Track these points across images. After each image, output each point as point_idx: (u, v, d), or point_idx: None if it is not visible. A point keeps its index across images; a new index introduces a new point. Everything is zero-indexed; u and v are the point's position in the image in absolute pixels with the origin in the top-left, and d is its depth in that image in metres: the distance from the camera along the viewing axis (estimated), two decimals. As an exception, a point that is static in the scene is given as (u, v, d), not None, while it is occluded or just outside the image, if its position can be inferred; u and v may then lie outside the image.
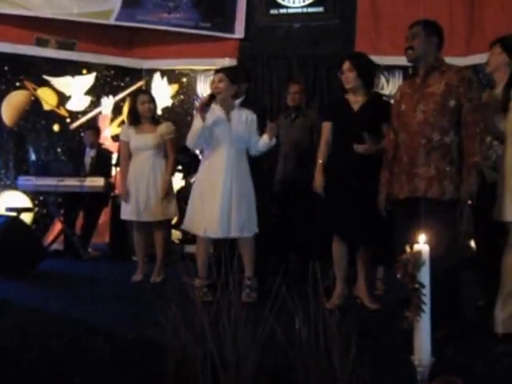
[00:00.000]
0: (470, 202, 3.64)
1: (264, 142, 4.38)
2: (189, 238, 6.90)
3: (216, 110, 4.36)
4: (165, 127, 5.21)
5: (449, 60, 5.43)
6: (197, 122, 4.32)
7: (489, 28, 6.40)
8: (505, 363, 2.82)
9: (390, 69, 6.83)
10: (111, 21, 7.29)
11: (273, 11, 7.45)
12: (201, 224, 4.27)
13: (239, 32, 7.39)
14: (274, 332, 2.22)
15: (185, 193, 6.87)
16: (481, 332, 3.34)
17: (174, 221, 6.84)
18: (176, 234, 6.90)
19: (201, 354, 2.28)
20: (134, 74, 7.69)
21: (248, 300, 4.09)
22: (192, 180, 7.19)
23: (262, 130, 4.44)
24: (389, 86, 6.93)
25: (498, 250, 3.83)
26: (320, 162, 4.12)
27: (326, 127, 4.18)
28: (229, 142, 4.33)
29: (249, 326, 2.24)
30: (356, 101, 4.07)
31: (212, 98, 4.31)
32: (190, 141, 4.41)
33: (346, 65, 4.04)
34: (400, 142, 3.49)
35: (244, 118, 4.40)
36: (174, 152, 5.22)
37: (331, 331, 2.11)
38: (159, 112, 6.54)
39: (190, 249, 6.46)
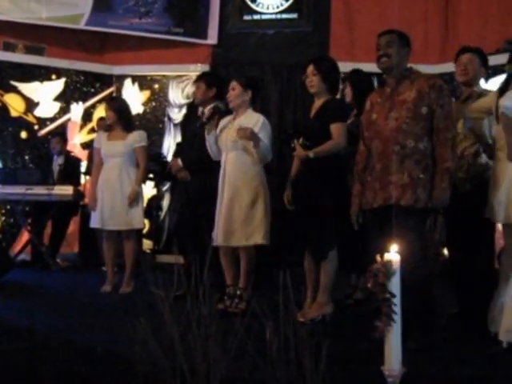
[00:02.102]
0: (442, 209, 3.64)
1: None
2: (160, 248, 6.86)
3: (226, 119, 4.38)
4: (136, 135, 5.12)
5: (424, 68, 5.43)
6: (206, 135, 4.38)
7: (463, 36, 6.45)
8: (475, 372, 2.80)
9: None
10: (81, 25, 7.19)
11: (246, 17, 7.40)
12: (215, 232, 4.27)
13: (212, 38, 7.33)
14: (244, 343, 2.16)
15: (157, 201, 6.80)
16: (454, 340, 3.32)
17: (146, 230, 6.76)
18: (147, 244, 6.80)
19: (170, 366, 2.24)
20: (105, 80, 7.58)
21: (234, 310, 3.99)
22: (164, 188, 7.14)
23: None
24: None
25: (470, 259, 3.84)
26: (291, 174, 4.10)
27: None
28: (225, 148, 4.29)
29: (219, 337, 2.19)
30: (316, 106, 4.05)
31: (214, 112, 4.35)
32: (210, 153, 4.43)
33: (310, 68, 4.00)
34: (373, 150, 3.46)
35: (251, 123, 4.23)
36: (144, 161, 5.11)
37: (302, 342, 2.06)
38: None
39: (162, 259, 6.39)
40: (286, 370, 2.09)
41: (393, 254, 1.86)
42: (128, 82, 7.54)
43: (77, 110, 7.38)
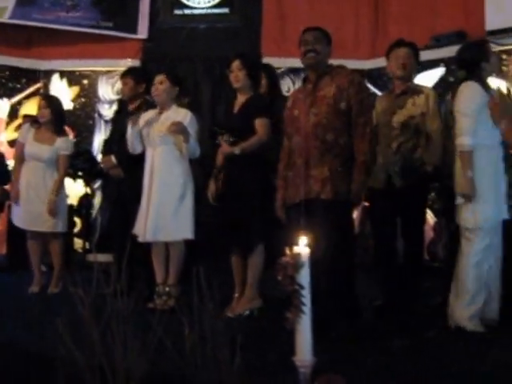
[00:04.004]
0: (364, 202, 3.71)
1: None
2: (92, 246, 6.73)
3: (150, 112, 4.31)
4: (63, 142, 5.04)
5: (354, 63, 5.51)
6: (129, 128, 4.28)
7: (392, 32, 6.55)
8: (390, 361, 2.86)
9: (296, 71, 6.85)
10: (4, 18, 6.94)
11: (177, 11, 7.34)
12: (142, 229, 4.20)
13: (142, 32, 7.23)
14: (163, 340, 2.16)
15: (87, 199, 6.68)
16: (377, 331, 3.40)
17: (77, 229, 6.64)
18: (78, 243, 6.67)
19: (89, 365, 2.20)
20: (31, 76, 7.35)
21: (163, 307, 3.94)
22: (95, 186, 7.01)
23: None
24: (295, 88, 6.97)
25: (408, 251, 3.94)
26: (214, 170, 4.09)
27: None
28: (153, 143, 4.23)
29: (138, 335, 2.17)
30: (239, 102, 4.06)
31: (141, 104, 4.32)
32: (129, 145, 4.34)
33: (236, 63, 4.01)
34: (294, 146, 3.50)
35: (179, 118, 4.21)
36: (64, 170, 5.06)
37: (218, 337, 2.07)
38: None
39: (93, 258, 6.27)
40: (203, 365, 2.10)
41: (302, 247, 1.88)
42: (56, 77, 7.34)
43: (2, 106, 7.16)
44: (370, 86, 6.19)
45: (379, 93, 5.98)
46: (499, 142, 3.58)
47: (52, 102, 5.13)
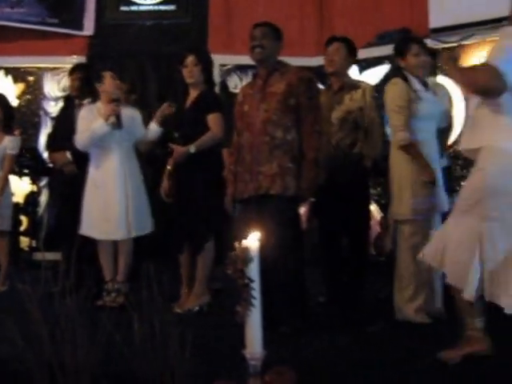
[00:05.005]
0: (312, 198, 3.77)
1: (152, 130, 4.29)
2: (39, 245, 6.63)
3: (99, 110, 4.25)
4: (10, 141, 5.03)
5: (300, 60, 5.55)
6: (98, 125, 4.16)
7: (338, 29, 6.62)
8: (339, 355, 2.93)
9: (243, 68, 6.89)
10: None
11: (123, 8, 7.26)
12: (101, 227, 4.16)
13: (88, 29, 7.12)
14: (113, 336, 2.17)
15: (33, 197, 6.56)
16: (324, 325, 3.46)
17: (23, 227, 6.52)
18: (25, 241, 6.55)
19: (39, 363, 2.19)
20: (-26, 73, 7.17)
21: (112, 304, 3.94)
22: (42, 184, 6.90)
23: None
24: (244, 84, 6.99)
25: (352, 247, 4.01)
26: (168, 167, 4.09)
27: None
28: (118, 141, 4.22)
29: (88, 332, 2.18)
30: (192, 97, 4.09)
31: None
32: (86, 142, 4.25)
33: (191, 59, 4.03)
34: (243, 141, 3.53)
35: (128, 114, 4.29)
36: (8, 169, 5.05)
37: (168, 331, 2.10)
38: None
39: (41, 256, 6.18)
40: (153, 360, 2.12)
41: (251, 241, 1.91)
42: (1, 74, 7.17)
43: None
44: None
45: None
46: (432, 137, 3.70)
47: (0, 101, 5.05)
